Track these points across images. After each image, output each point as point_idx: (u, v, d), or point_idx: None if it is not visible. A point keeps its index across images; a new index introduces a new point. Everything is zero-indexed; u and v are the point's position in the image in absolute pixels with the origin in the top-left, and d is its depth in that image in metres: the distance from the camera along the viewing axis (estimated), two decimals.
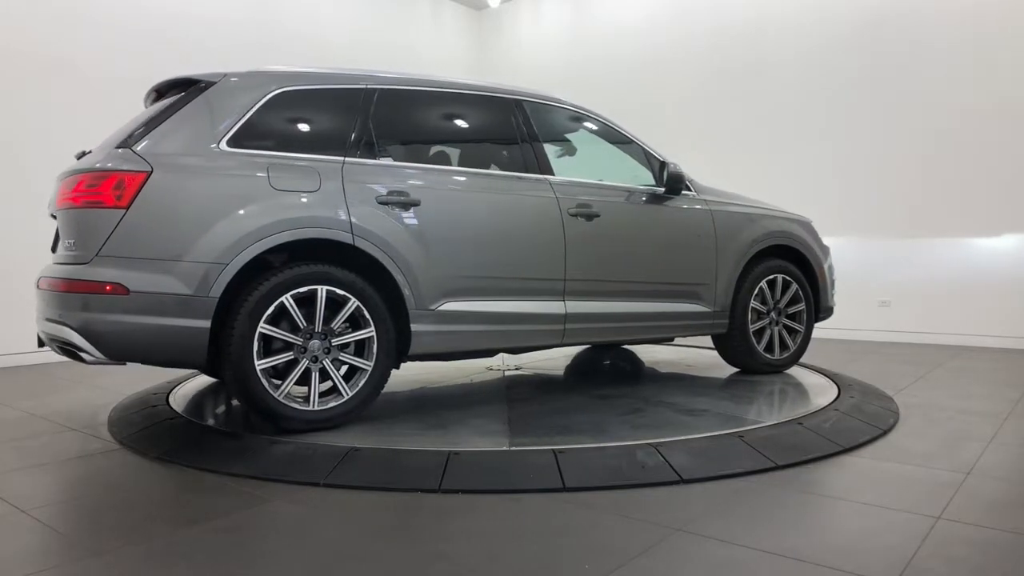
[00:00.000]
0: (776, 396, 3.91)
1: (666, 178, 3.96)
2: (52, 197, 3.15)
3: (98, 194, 2.81)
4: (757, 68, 7.47)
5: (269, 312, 2.94)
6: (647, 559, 1.97)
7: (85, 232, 2.85)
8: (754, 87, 7.48)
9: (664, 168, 3.99)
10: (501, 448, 2.86)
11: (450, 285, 3.32)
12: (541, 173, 3.67)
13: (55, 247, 3.22)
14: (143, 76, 3.90)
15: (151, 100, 3.44)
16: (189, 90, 3.14)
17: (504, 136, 3.78)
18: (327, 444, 2.87)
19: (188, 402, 3.79)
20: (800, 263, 4.54)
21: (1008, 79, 6.13)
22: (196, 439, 3.13)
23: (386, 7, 8.53)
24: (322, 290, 3.03)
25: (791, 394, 3.99)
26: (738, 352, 4.37)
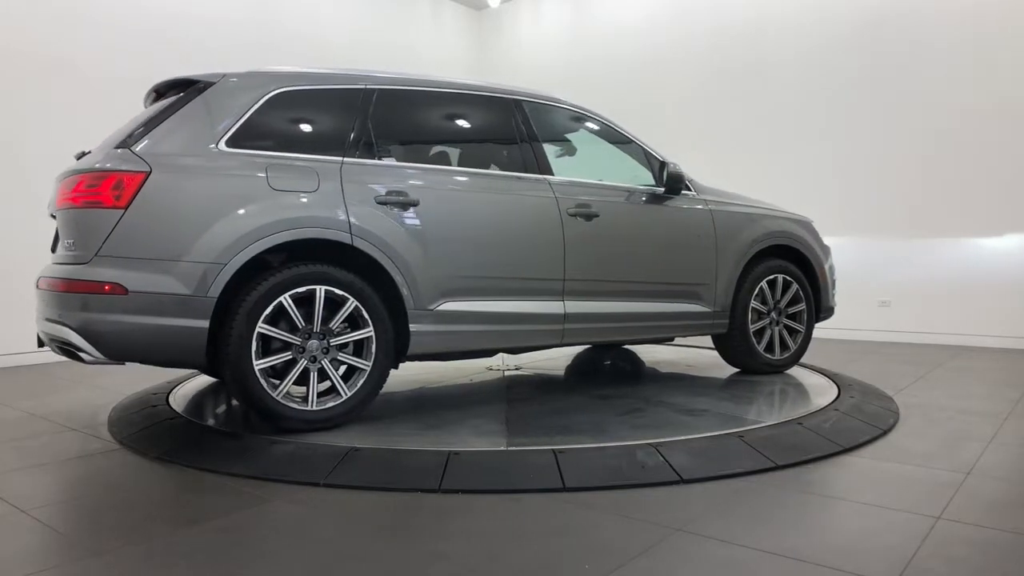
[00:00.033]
0: (776, 396, 3.91)
1: (666, 178, 3.96)
2: (52, 197, 3.15)
3: (97, 194, 2.81)
4: (757, 68, 7.47)
5: (267, 312, 2.93)
6: (647, 559, 1.97)
7: (84, 232, 2.85)
8: (754, 87, 7.48)
9: (664, 168, 3.98)
10: (499, 448, 2.86)
11: (449, 285, 3.31)
12: (540, 173, 3.67)
13: (55, 247, 3.23)
14: (143, 76, 3.90)
15: (151, 100, 3.44)
16: (188, 90, 3.14)
17: (503, 136, 3.78)
18: (327, 444, 2.86)
19: (188, 402, 3.79)
20: (801, 263, 4.54)
21: (1008, 79, 6.13)
22: (196, 439, 3.13)
23: (386, 7, 8.53)
24: (320, 290, 3.03)
25: (791, 394, 3.99)
26: (738, 352, 4.37)
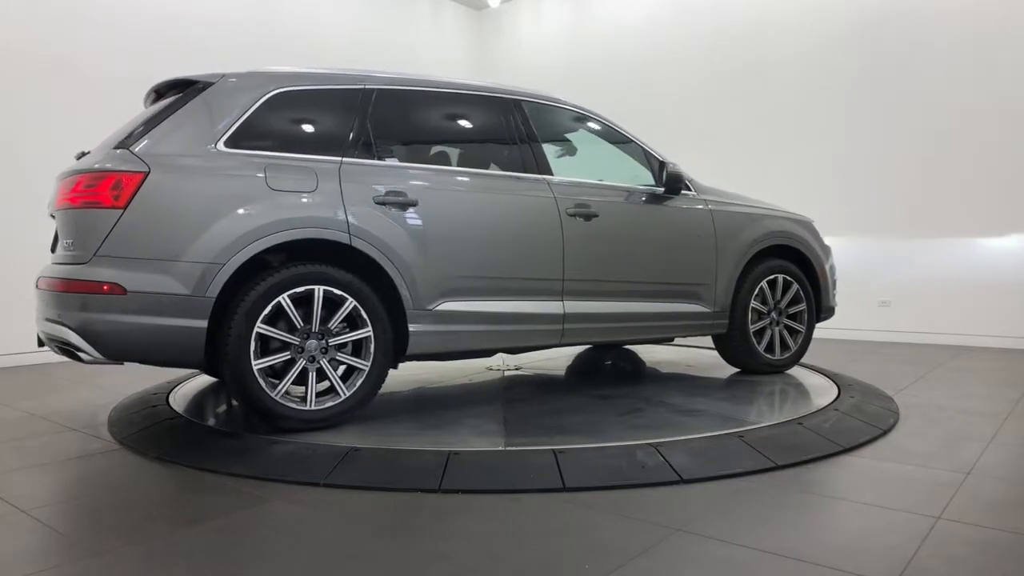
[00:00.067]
0: (776, 396, 3.91)
1: (665, 178, 3.96)
2: (52, 197, 3.15)
3: (96, 194, 2.82)
4: (757, 68, 7.47)
5: (266, 312, 2.94)
6: (647, 559, 1.96)
7: (83, 232, 2.85)
8: (754, 87, 7.48)
9: (663, 168, 3.98)
10: (499, 448, 2.86)
11: (448, 285, 3.31)
12: (540, 173, 3.67)
13: (54, 247, 3.23)
14: (143, 76, 3.90)
15: (150, 101, 3.44)
16: (187, 91, 3.14)
17: (503, 136, 3.78)
18: (327, 444, 2.86)
19: (188, 402, 3.79)
20: (801, 263, 4.53)
21: (1008, 79, 6.13)
22: (196, 439, 3.13)
23: (386, 7, 8.53)
24: (319, 290, 3.03)
25: (791, 394, 3.99)
26: (738, 352, 4.36)
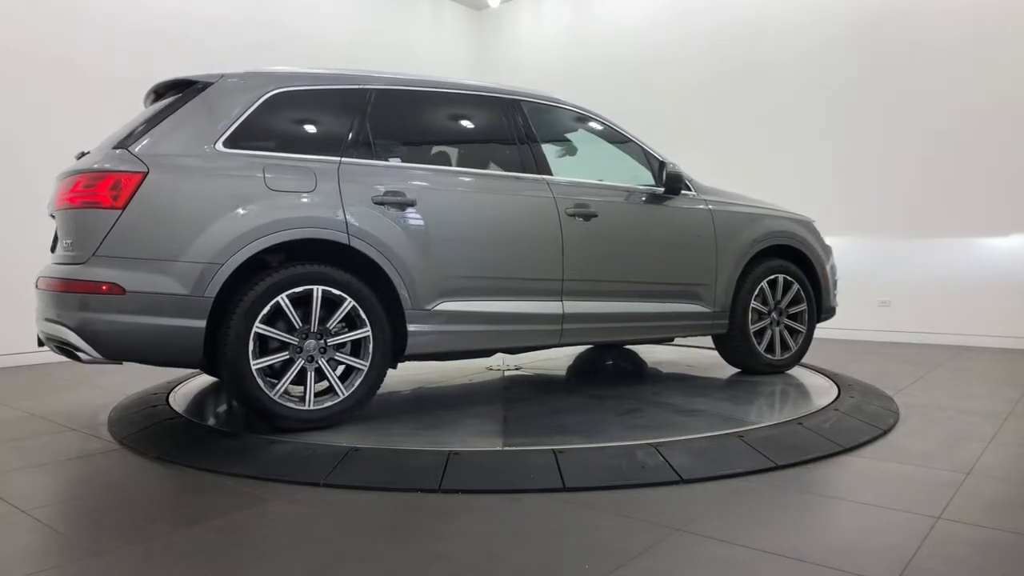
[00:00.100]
0: (776, 396, 3.91)
1: (665, 178, 3.95)
2: (51, 197, 3.16)
3: (95, 194, 2.82)
4: (757, 68, 7.47)
5: (265, 312, 2.94)
6: (647, 559, 1.96)
7: (82, 232, 2.85)
8: (754, 87, 7.48)
9: (663, 168, 3.98)
10: (499, 448, 2.86)
11: (447, 285, 3.31)
12: (539, 173, 3.67)
13: (54, 247, 3.23)
14: (143, 76, 3.90)
15: (150, 101, 3.45)
16: (186, 91, 3.14)
17: (502, 136, 3.77)
18: (327, 444, 2.86)
19: (188, 402, 3.79)
20: (802, 263, 4.53)
21: (1008, 79, 6.13)
22: (196, 439, 3.13)
23: (386, 7, 8.53)
24: (318, 290, 3.03)
25: (791, 394, 3.99)
26: (738, 352, 4.36)
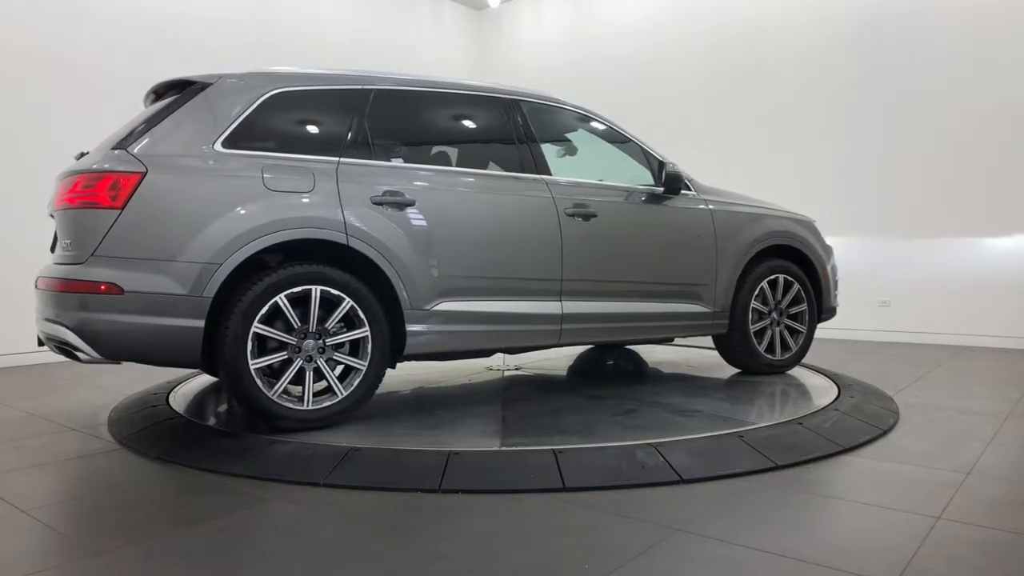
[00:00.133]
0: (776, 396, 3.90)
1: (664, 178, 3.95)
2: (51, 197, 3.16)
3: (94, 195, 2.82)
4: (757, 68, 7.47)
5: (263, 312, 2.94)
6: (647, 559, 1.96)
7: (81, 232, 2.86)
8: (754, 87, 7.48)
9: (663, 168, 3.98)
10: (498, 448, 2.86)
11: (445, 285, 3.31)
12: (538, 173, 3.66)
13: (54, 247, 3.23)
14: (143, 76, 3.90)
15: (150, 101, 3.45)
16: (185, 91, 3.15)
17: (501, 136, 3.77)
18: (327, 444, 2.86)
19: (188, 402, 3.79)
20: (802, 263, 4.53)
21: (1008, 79, 6.13)
22: (196, 439, 3.13)
23: (386, 7, 8.53)
24: (316, 290, 3.03)
25: (791, 394, 3.98)
26: (738, 353, 4.36)
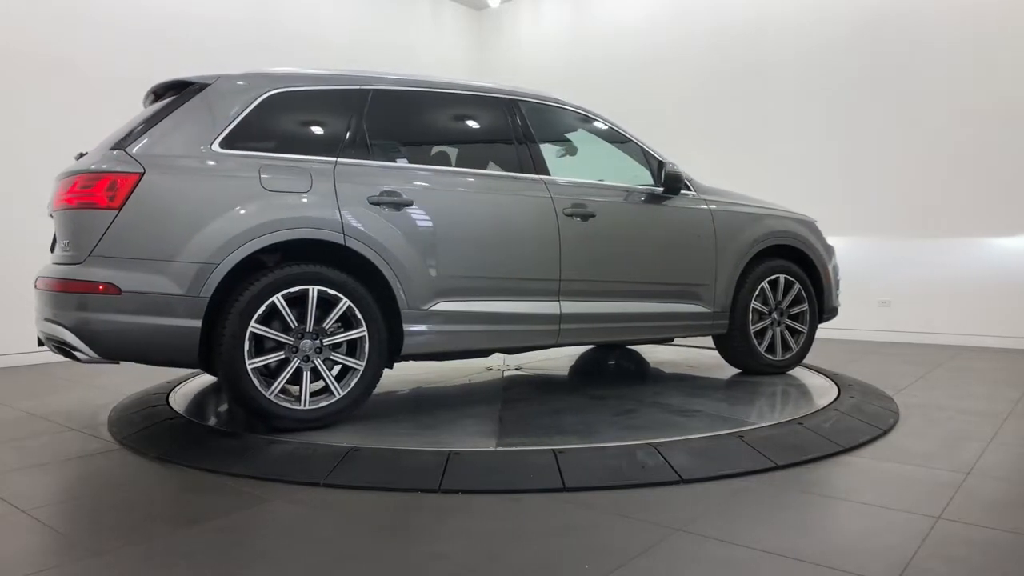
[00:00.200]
0: (776, 396, 3.90)
1: (664, 177, 3.95)
2: (51, 198, 3.16)
3: (92, 195, 2.83)
4: (757, 68, 7.47)
5: (260, 312, 2.94)
6: (647, 559, 1.97)
7: (79, 232, 2.86)
8: (754, 87, 7.48)
9: (662, 168, 3.98)
10: (498, 448, 2.86)
11: (443, 285, 3.31)
12: (537, 173, 3.66)
13: (54, 247, 3.23)
14: (143, 76, 3.90)
15: (149, 102, 3.45)
16: (184, 92, 3.15)
17: (499, 136, 3.77)
18: (327, 444, 2.86)
19: (188, 402, 3.79)
20: (803, 263, 4.52)
21: (1008, 79, 6.13)
22: (196, 439, 3.13)
23: (386, 7, 8.53)
24: (313, 290, 3.03)
25: (791, 394, 3.98)
26: (739, 353, 4.35)
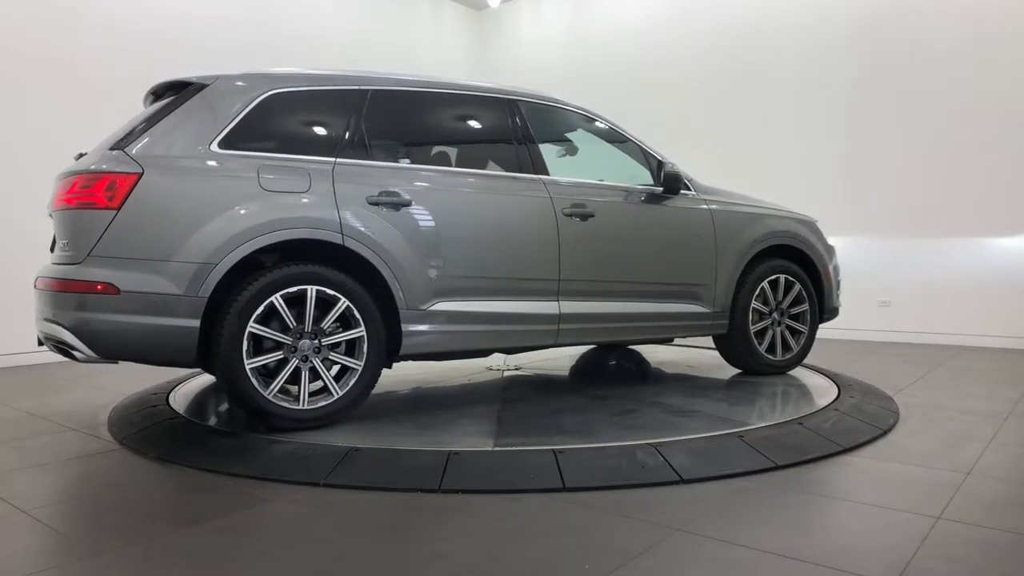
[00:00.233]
0: (776, 396, 3.90)
1: (663, 177, 3.95)
2: (51, 198, 3.16)
3: (91, 195, 2.83)
4: (757, 68, 7.47)
5: (259, 312, 2.95)
6: (647, 559, 1.97)
7: (78, 232, 2.87)
8: (754, 87, 7.48)
9: (661, 167, 3.98)
10: (498, 448, 2.86)
11: (442, 285, 3.31)
12: (536, 173, 3.66)
13: (54, 247, 3.23)
14: (143, 76, 3.90)
15: (149, 102, 3.45)
16: (183, 92, 3.15)
17: (498, 136, 3.78)
18: (327, 444, 2.86)
19: (188, 402, 3.79)
20: (804, 263, 4.51)
21: (1008, 79, 6.13)
22: (196, 439, 3.13)
23: (386, 7, 8.53)
24: (312, 290, 3.04)
25: (791, 394, 3.98)
26: (739, 353, 4.35)
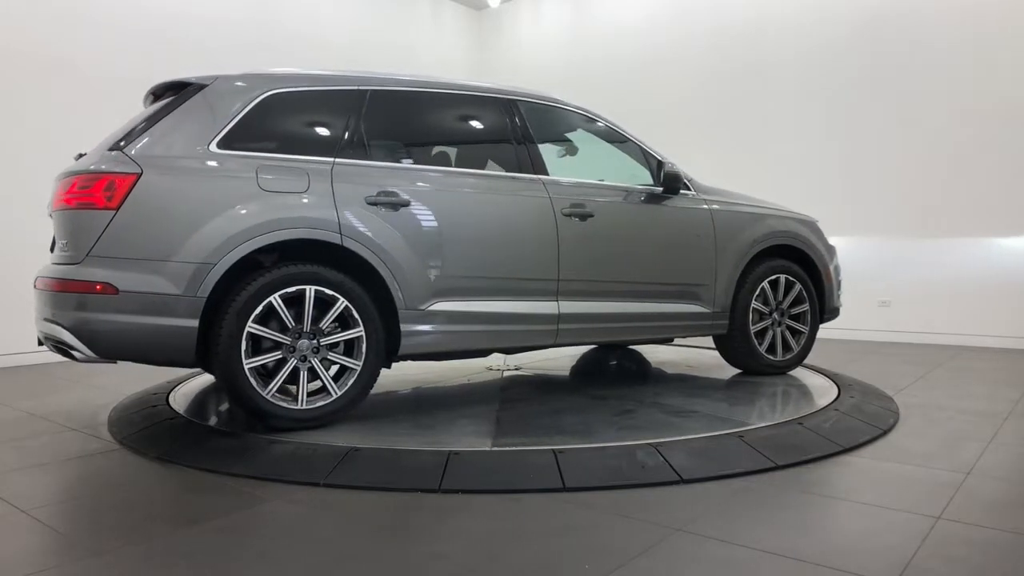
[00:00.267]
0: (776, 396, 3.90)
1: (663, 177, 3.95)
2: (50, 198, 3.16)
3: (90, 195, 2.84)
4: (757, 68, 7.47)
5: (257, 312, 2.95)
6: (647, 559, 1.97)
7: (77, 233, 2.87)
8: (754, 87, 7.48)
9: (661, 167, 3.97)
10: (498, 448, 2.86)
11: (441, 285, 3.31)
12: (535, 173, 3.66)
13: (53, 247, 3.24)
14: (143, 76, 3.90)
15: (148, 102, 3.46)
16: (182, 92, 3.16)
17: (498, 136, 3.77)
18: (327, 444, 2.86)
19: (188, 402, 3.79)
20: (804, 263, 4.51)
21: (1008, 79, 6.13)
22: (196, 439, 3.13)
23: (386, 7, 8.53)
24: (310, 290, 3.04)
25: (791, 394, 3.98)
26: (739, 353, 4.35)
